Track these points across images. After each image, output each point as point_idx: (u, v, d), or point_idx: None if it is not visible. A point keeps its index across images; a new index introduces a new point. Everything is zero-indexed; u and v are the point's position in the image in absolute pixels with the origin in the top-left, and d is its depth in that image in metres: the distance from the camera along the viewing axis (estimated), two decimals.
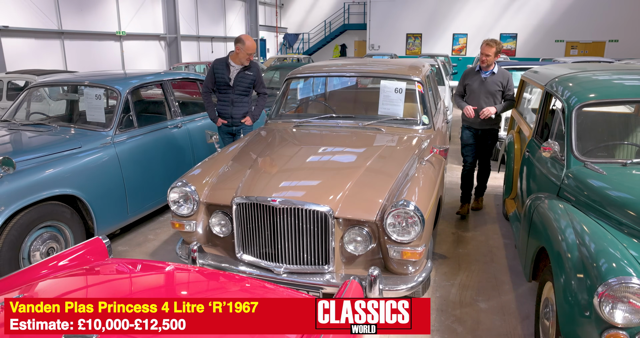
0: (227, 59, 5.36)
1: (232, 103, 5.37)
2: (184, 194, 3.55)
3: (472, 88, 5.31)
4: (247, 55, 5.20)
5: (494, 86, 5.23)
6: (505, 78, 5.25)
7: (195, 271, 2.33)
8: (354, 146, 4.19)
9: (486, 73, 5.24)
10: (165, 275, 2.22)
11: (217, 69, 5.34)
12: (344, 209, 3.17)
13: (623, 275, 2.24)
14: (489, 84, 5.22)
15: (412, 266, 3.23)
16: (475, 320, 3.56)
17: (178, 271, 2.28)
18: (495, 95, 5.25)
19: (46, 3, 15.01)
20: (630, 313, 2.20)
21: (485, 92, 5.24)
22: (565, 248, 2.68)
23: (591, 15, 24.28)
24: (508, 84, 5.25)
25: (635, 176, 3.12)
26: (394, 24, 27.82)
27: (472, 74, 5.37)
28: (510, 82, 5.27)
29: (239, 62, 5.27)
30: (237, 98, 5.36)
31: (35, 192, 3.80)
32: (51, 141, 4.45)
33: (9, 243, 3.62)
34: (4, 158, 3.59)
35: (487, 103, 5.22)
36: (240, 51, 5.17)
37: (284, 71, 11.89)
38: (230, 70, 5.31)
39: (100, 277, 2.22)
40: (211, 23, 25.20)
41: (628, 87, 3.89)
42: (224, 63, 5.33)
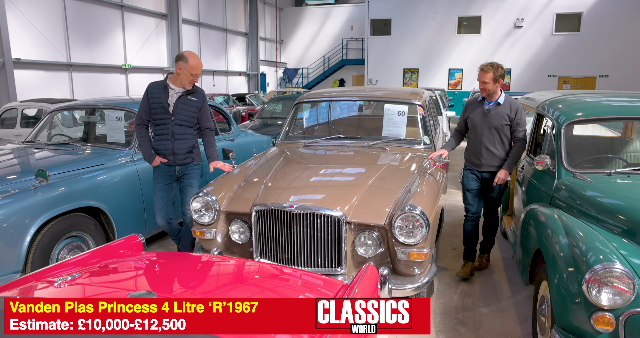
0: (165, 81, 4.32)
1: (173, 136, 4.31)
2: (206, 203, 3.84)
3: (474, 122, 4.50)
4: (191, 76, 4.20)
5: (500, 120, 4.36)
6: (513, 110, 4.35)
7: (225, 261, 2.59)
8: (361, 162, 4.51)
9: (490, 104, 4.40)
10: (201, 265, 2.48)
11: (153, 94, 4.28)
12: (356, 214, 3.46)
13: (607, 262, 2.53)
14: (493, 117, 4.37)
15: (418, 268, 3.50)
16: (477, 322, 3.80)
17: (208, 262, 2.53)
18: (501, 130, 4.38)
19: (57, 37, 15.57)
20: (614, 295, 2.47)
21: (489, 126, 4.40)
22: (558, 248, 2.97)
23: (582, 52, 25.09)
24: (517, 116, 4.34)
25: (618, 184, 3.43)
26: (391, 59, 28.62)
27: (474, 105, 4.56)
28: (521, 115, 4.37)
29: (180, 84, 4.26)
30: (179, 129, 4.31)
31: (65, 203, 4.08)
32: (76, 158, 4.76)
33: (41, 249, 3.87)
34: (39, 169, 3.88)
35: (490, 141, 4.42)
36: (182, 70, 4.17)
37: (286, 102, 12.19)
38: (170, 94, 4.28)
39: (136, 269, 2.46)
40: (213, 57, 25.89)
41: (613, 106, 4.26)
42: (161, 86, 4.29)
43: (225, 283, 2.25)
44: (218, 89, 26.19)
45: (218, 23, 26.05)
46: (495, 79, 4.28)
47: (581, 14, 25.00)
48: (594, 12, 24.74)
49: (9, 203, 3.72)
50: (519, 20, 25.86)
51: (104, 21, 17.54)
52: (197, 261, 2.50)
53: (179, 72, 4.20)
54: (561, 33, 25.51)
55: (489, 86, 4.30)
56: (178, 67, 4.19)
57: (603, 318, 2.50)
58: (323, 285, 2.32)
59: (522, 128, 4.39)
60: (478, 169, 4.53)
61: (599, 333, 2.55)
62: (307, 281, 2.39)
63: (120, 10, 18.41)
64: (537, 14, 25.64)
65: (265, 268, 2.46)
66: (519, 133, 4.39)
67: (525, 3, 25.72)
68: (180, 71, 4.18)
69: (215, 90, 25.65)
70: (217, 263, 2.49)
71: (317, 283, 2.36)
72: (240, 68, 29.20)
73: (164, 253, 2.63)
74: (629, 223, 2.92)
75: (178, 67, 4.19)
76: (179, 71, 4.20)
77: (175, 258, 2.48)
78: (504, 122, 4.35)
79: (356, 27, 31.95)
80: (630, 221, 2.92)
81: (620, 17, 24.25)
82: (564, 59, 25.45)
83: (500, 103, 4.37)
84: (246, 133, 7.53)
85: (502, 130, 4.38)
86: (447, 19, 27.24)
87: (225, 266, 2.43)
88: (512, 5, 25.96)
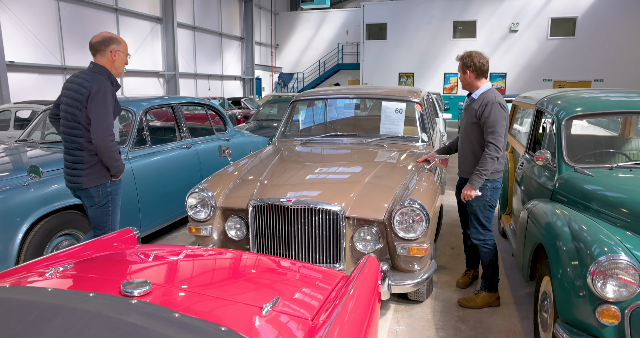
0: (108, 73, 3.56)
1: None
2: (202, 199, 3.78)
3: (460, 121, 4.08)
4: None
5: (469, 117, 3.80)
6: (482, 105, 3.65)
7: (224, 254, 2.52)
8: (359, 159, 4.45)
9: (469, 99, 3.89)
10: (198, 258, 2.41)
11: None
12: (354, 209, 3.41)
13: (612, 253, 2.47)
14: (466, 114, 3.88)
15: (418, 264, 3.44)
16: (477, 320, 3.74)
17: (211, 255, 2.46)
18: (470, 129, 3.80)
19: (51, 40, 15.49)
20: (620, 287, 2.42)
21: (463, 125, 3.93)
22: (561, 241, 2.91)
23: (577, 56, 25.21)
24: (484, 113, 3.62)
25: (620, 178, 3.39)
26: (387, 63, 28.67)
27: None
28: (489, 112, 3.61)
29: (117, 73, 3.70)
30: None
31: (58, 200, 4.01)
32: None
33: (33, 247, 3.80)
34: (31, 166, 3.81)
35: (462, 141, 3.95)
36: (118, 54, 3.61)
37: (281, 105, 12.18)
38: None
39: (128, 261, 2.38)
40: (208, 61, 25.86)
41: (611, 101, 4.22)
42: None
43: (222, 275, 2.18)
44: (213, 93, 26.13)
45: (213, 27, 26.03)
46: (463, 69, 3.77)
47: (576, 18, 25.12)
48: (588, 17, 24.86)
49: (1, 199, 3.64)
50: (514, 25, 25.97)
51: (98, 24, 17.45)
52: (193, 253, 2.43)
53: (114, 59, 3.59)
54: (556, 37, 25.62)
55: (466, 79, 3.81)
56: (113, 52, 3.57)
57: (608, 311, 2.45)
58: (322, 277, 2.25)
59: (491, 128, 3.60)
60: (459, 174, 4.06)
61: (604, 327, 2.49)
62: (306, 274, 2.32)
63: (115, 13, 18.36)
64: (532, 18, 25.76)
65: (263, 260, 2.40)
66: (486, 133, 3.64)
67: (520, 7, 25.84)
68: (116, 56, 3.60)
69: (211, 94, 25.60)
70: (214, 255, 2.43)
71: (315, 276, 2.30)
72: (235, 72, 29.17)
73: (160, 246, 2.56)
74: (632, 216, 2.87)
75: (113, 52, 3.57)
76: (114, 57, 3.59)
77: (171, 250, 2.41)
78: (472, 120, 3.75)
79: (351, 32, 32.02)
80: (633, 214, 2.87)
81: (615, 21, 24.39)
82: (559, 63, 25.56)
83: (475, 98, 3.79)
84: (242, 133, 7.48)
85: (472, 129, 3.78)
86: (443, 23, 27.34)
87: (222, 259, 2.37)
88: (507, 9, 26.07)
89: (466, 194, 3.72)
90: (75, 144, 3.48)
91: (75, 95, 3.45)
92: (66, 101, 3.53)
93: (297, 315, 1.70)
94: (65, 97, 3.54)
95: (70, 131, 3.49)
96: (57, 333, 1.34)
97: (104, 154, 3.44)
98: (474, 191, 3.67)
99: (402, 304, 3.96)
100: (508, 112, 3.73)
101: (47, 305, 1.46)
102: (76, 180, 3.52)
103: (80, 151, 3.48)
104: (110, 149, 3.44)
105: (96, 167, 3.51)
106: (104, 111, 3.39)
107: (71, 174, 3.55)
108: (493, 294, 3.93)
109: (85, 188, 3.51)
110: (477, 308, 3.91)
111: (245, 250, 3.70)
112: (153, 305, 1.55)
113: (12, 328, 1.37)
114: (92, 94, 3.37)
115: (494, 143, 3.57)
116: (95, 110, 3.36)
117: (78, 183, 3.51)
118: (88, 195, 3.57)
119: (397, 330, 3.56)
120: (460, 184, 4.08)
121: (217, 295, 1.83)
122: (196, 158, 5.95)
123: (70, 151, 3.53)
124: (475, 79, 3.77)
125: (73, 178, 3.54)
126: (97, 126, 3.35)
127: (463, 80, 3.84)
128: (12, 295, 1.57)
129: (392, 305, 3.94)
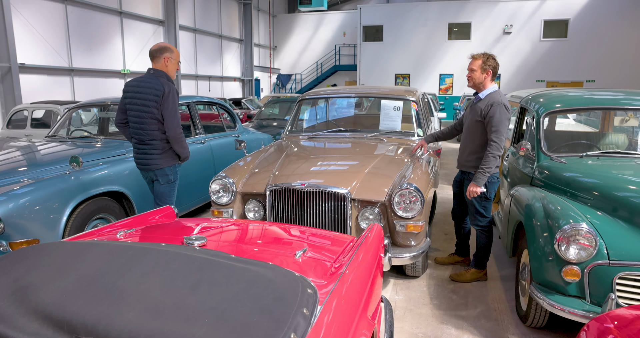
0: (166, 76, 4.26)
1: None
2: (224, 185, 4.28)
3: (464, 116, 4.41)
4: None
5: (474, 115, 4.09)
6: (488, 105, 3.96)
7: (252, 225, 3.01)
8: (361, 151, 4.96)
9: (476, 98, 4.20)
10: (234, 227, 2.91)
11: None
12: (359, 192, 3.92)
13: (575, 222, 3.00)
14: (472, 111, 4.17)
15: (414, 240, 3.96)
16: (466, 291, 4.26)
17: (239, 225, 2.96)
18: (475, 127, 4.11)
19: (59, 43, 15.97)
20: (580, 250, 2.95)
21: (468, 121, 4.24)
22: (536, 218, 3.43)
23: (569, 58, 25.87)
24: (489, 113, 3.93)
25: (589, 164, 3.91)
26: (383, 64, 29.25)
27: (470, 101, 4.37)
28: (494, 113, 3.92)
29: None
30: None
31: (95, 187, 4.50)
32: (100, 148, 5.19)
33: (75, 228, 4.29)
34: (72, 156, 4.31)
35: (466, 137, 4.27)
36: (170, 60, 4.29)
37: (282, 105, 12.70)
38: None
39: (180, 225, 2.84)
40: (209, 63, 26.36)
41: (586, 98, 4.74)
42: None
43: (257, 236, 2.68)
44: (213, 93, 26.63)
45: (213, 29, 26.55)
46: (483, 68, 4.02)
47: (568, 20, 25.78)
48: (580, 19, 25.53)
49: (48, 185, 4.14)
50: (508, 27, 26.60)
51: (103, 27, 17.96)
52: (230, 222, 2.93)
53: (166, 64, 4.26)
54: (549, 39, 26.27)
55: (475, 74, 4.05)
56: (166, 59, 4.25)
57: (571, 270, 2.97)
58: (336, 238, 2.73)
59: (494, 127, 3.89)
60: (459, 167, 4.43)
61: (568, 284, 3.02)
62: (324, 235, 2.81)
63: (120, 16, 18.85)
64: (525, 20, 26.40)
65: (287, 227, 2.90)
66: (490, 132, 3.95)
67: (514, 10, 26.47)
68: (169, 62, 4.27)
69: (211, 95, 26.09)
70: (247, 223, 2.91)
71: (331, 236, 2.78)
72: (235, 74, 29.68)
73: (199, 218, 3.06)
74: (598, 196, 3.39)
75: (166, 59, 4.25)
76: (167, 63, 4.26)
77: (210, 220, 2.90)
78: (477, 119, 4.05)
79: (348, 34, 32.61)
80: (599, 194, 3.39)
81: (606, 23, 25.05)
82: (552, 64, 26.21)
83: (482, 98, 4.11)
84: (249, 130, 7.99)
85: (476, 126, 4.09)
86: (438, 25, 27.95)
87: (254, 226, 2.86)
88: (501, 11, 26.70)
89: (472, 191, 4.02)
90: (150, 136, 4.23)
91: (150, 96, 4.13)
92: (138, 102, 4.19)
93: (322, 260, 2.22)
94: (136, 99, 4.21)
95: (145, 126, 4.21)
96: (150, 265, 1.84)
97: (175, 143, 4.24)
98: (479, 188, 4.00)
99: (401, 279, 4.47)
100: (511, 113, 4.07)
101: (137, 247, 1.96)
102: (154, 162, 4.29)
103: (155, 141, 4.24)
104: (181, 139, 4.26)
105: (169, 152, 4.32)
106: (175, 109, 4.18)
107: (147, 159, 4.30)
108: (481, 270, 4.45)
109: (162, 167, 4.31)
110: (467, 282, 4.42)
111: None
112: (213, 250, 2.05)
113: (115, 262, 1.87)
114: (165, 94, 4.11)
115: (497, 142, 3.91)
116: (168, 108, 4.13)
117: (156, 164, 4.29)
118: (163, 173, 4.35)
119: (397, 299, 4.07)
120: (458, 177, 4.52)
121: (258, 248, 2.34)
122: (210, 153, 6.45)
123: (146, 141, 4.26)
124: (489, 79, 4.09)
125: (149, 161, 4.30)
126: (170, 122, 4.15)
127: (477, 78, 4.06)
128: (106, 242, 2.07)
129: (392, 279, 4.45)
